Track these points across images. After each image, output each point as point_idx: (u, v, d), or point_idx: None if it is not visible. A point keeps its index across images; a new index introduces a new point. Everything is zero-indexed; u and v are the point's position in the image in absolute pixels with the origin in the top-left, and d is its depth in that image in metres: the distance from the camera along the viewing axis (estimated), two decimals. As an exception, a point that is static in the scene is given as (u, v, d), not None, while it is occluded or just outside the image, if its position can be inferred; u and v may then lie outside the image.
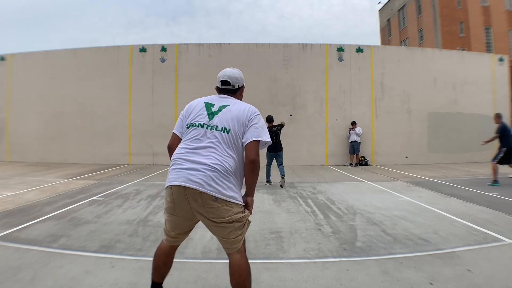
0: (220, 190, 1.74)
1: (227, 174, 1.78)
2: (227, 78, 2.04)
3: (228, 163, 1.79)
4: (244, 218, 1.85)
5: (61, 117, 12.23)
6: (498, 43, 23.79)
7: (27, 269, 2.67)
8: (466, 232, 3.73)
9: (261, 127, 1.91)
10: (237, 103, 1.99)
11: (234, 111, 1.91)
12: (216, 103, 1.98)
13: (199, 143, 1.82)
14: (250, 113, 1.94)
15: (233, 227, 1.80)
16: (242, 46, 12.32)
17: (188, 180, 1.74)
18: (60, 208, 4.86)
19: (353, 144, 11.63)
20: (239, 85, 2.09)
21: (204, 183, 1.71)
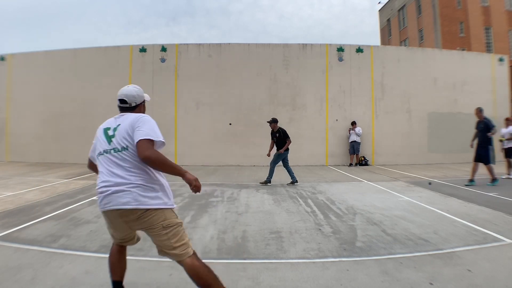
0: (147, 201, 1.85)
1: (147, 185, 1.88)
2: (123, 97, 2.18)
3: (139, 176, 1.88)
4: (173, 221, 1.93)
5: (61, 117, 12.23)
6: (498, 43, 23.78)
7: (27, 269, 2.67)
8: (466, 232, 3.73)
9: (147, 128, 1.92)
10: (127, 118, 2.04)
11: (124, 127, 1.97)
12: (111, 125, 2.07)
13: (111, 168, 1.89)
14: (135, 121, 1.97)
15: (168, 233, 1.89)
16: (242, 46, 12.32)
17: (117, 203, 1.82)
18: (60, 208, 4.86)
19: (353, 144, 11.63)
20: (137, 102, 2.20)
21: (132, 200, 1.81)
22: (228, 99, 11.97)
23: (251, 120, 12.02)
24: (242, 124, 12.00)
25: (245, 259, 2.97)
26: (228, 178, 8.48)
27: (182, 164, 11.52)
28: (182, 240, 1.93)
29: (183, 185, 7.25)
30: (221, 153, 11.76)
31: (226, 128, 11.94)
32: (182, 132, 11.74)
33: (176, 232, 1.92)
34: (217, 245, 3.36)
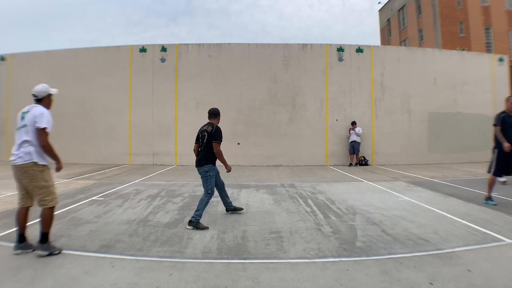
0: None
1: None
2: (34, 92, 3.33)
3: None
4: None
5: (61, 117, 12.19)
6: (498, 43, 23.79)
7: (27, 269, 2.68)
8: (466, 232, 3.74)
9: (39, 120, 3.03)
10: (34, 108, 3.15)
11: (31, 114, 3.07)
12: (26, 109, 3.16)
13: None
14: (37, 113, 3.06)
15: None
16: (242, 46, 12.31)
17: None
18: (60, 208, 4.86)
19: (353, 144, 11.63)
20: (42, 95, 3.31)
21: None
22: (228, 99, 11.96)
23: (251, 120, 12.02)
24: (242, 124, 12.00)
25: (245, 259, 2.97)
26: (228, 178, 8.47)
27: (182, 164, 11.57)
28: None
29: (182, 185, 7.25)
30: (221, 153, 11.75)
31: (226, 128, 11.90)
32: (182, 132, 11.74)
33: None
34: (217, 245, 3.36)
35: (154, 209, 4.95)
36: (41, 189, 2.99)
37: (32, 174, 2.96)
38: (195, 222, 3.90)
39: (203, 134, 4.25)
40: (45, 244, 2.99)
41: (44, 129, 2.97)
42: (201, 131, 4.32)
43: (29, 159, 2.94)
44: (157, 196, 5.92)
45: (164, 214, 4.63)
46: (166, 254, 3.08)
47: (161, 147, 11.85)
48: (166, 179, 8.06)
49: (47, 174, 3.07)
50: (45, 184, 3.01)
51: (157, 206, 5.12)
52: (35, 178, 2.97)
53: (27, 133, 2.97)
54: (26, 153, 2.95)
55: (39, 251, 2.98)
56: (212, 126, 4.28)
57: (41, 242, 2.99)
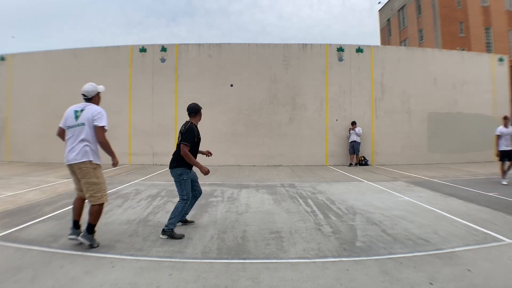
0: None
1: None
2: (84, 92, 3.44)
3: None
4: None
5: (61, 117, 12.14)
6: (498, 43, 23.79)
7: (27, 269, 2.68)
8: (466, 232, 3.74)
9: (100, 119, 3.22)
10: (90, 107, 3.29)
11: (88, 112, 3.23)
12: (78, 108, 3.33)
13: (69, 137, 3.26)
14: (95, 112, 3.22)
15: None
16: (242, 46, 12.31)
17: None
18: (61, 208, 4.86)
19: (353, 144, 11.63)
20: (92, 95, 3.42)
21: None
22: (228, 99, 11.97)
23: (251, 120, 12.02)
24: (242, 124, 12.00)
25: (245, 259, 2.98)
26: (228, 178, 8.48)
27: (182, 164, 11.55)
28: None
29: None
30: (221, 153, 11.76)
31: (226, 128, 11.95)
32: (182, 132, 11.73)
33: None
34: (217, 245, 3.36)
35: (154, 209, 4.95)
36: (92, 185, 3.12)
37: (85, 170, 3.10)
38: (169, 231, 3.53)
39: (179, 134, 3.79)
40: (90, 235, 3.16)
41: (103, 127, 3.15)
42: (180, 131, 3.80)
43: (86, 159, 3.09)
44: (157, 196, 5.92)
45: (164, 214, 4.63)
46: (166, 254, 3.08)
47: (161, 147, 11.84)
48: (166, 179, 8.06)
49: (99, 172, 3.21)
50: (97, 181, 3.15)
51: (157, 206, 5.12)
52: (88, 174, 3.10)
53: (84, 132, 3.14)
54: (84, 153, 3.11)
55: (82, 239, 3.14)
56: (185, 125, 3.75)
57: (87, 231, 3.16)
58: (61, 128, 3.41)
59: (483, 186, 6.96)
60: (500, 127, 7.54)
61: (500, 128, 7.48)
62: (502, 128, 7.47)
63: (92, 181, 3.12)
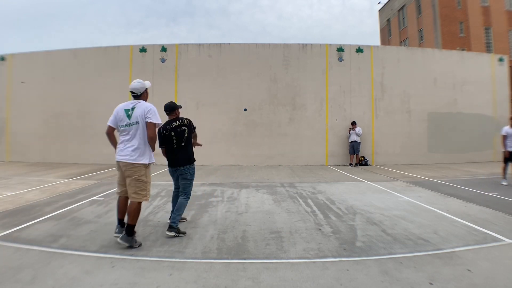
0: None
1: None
2: (132, 89, 3.41)
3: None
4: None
5: (61, 117, 12.24)
6: (498, 43, 23.78)
7: (27, 269, 2.68)
8: (466, 232, 3.74)
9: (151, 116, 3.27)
10: (141, 104, 3.33)
11: (140, 109, 3.27)
12: (129, 106, 3.36)
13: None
14: (147, 109, 3.26)
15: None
16: (242, 46, 12.31)
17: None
18: (61, 208, 4.86)
19: (353, 144, 11.63)
20: (141, 92, 3.41)
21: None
22: (228, 99, 11.97)
23: (251, 120, 12.02)
24: (242, 124, 12.00)
25: (245, 259, 2.98)
26: (228, 178, 8.48)
27: (182, 164, 11.55)
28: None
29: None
30: (221, 153, 11.77)
31: (226, 128, 11.95)
32: (182, 132, 11.73)
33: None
34: (217, 245, 3.36)
35: (154, 209, 4.95)
36: (139, 182, 3.18)
37: (138, 167, 3.15)
38: (177, 227, 3.59)
39: (180, 129, 3.75)
40: (129, 237, 3.16)
41: (155, 124, 3.21)
42: (172, 129, 3.75)
43: (139, 159, 3.16)
44: (157, 196, 5.92)
45: (164, 214, 4.63)
46: (166, 254, 3.08)
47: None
48: (166, 179, 8.05)
49: (149, 171, 3.26)
50: (145, 180, 3.22)
51: (157, 206, 5.12)
52: (139, 172, 3.15)
53: (138, 130, 3.22)
54: (140, 153, 3.18)
55: (121, 241, 3.15)
56: (186, 119, 3.87)
57: (127, 233, 3.16)
58: (111, 127, 3.45)
59: (483, 186, 6.96)
60: (506, 127, 7.36)
61: (506, 129, 7.31)
62: (508, 129, 7.27)
63: (141, 179, 3.17)
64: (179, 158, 3.81)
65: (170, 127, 3.79)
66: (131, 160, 3.17)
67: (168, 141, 3.82)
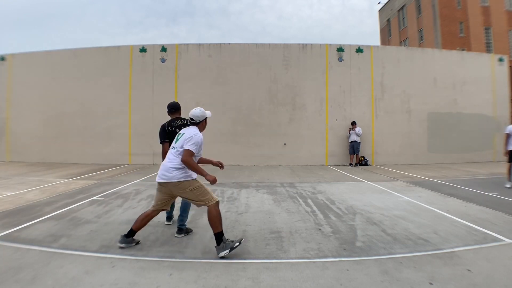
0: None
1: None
2: (192, 116, 3.50)
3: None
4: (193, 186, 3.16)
5: (61, 117, 12.24)
6: (498, 43, 23.78)
7: (27, 269, 2.68)
8: (466, 232, 3.74)
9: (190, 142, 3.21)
10: (189, 129, 3.41)
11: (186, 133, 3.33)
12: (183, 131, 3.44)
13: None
14: (188, 136, 3.27)
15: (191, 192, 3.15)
16: (242, 46, 12.31)
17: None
18: (61, 208, 4.86)
19: (353, 144, 11.63)
20: (200, 120, 3.52)
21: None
22: (228, 99, 11.97)
23: (251, 120, 12.02)
24: (242, 124, 12.00)
25: (245, 259, 2.98)
26: (228, 178, 8.47)
27: (182, 164, 11.55)
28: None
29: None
30: (221, 153, 11.72)
31: (226, 128, 11.94)
32: (182, 132, 11.75)
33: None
34: (217, 245, 3.36)
35: (154, 209, 4.95)
36: (193, 190, 3.12)
37: (183, 184, 3.12)
38: (185, 227, 3.69)
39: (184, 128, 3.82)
40: (221, 244, 3.02)
41: (187, 150, 3.12)
42: (177, 126, 3.96)
43: (179, 178, 3.10)
44: (157, 196, 5.91)
45: (164, 214, 4.61)
46: (166, 254, 3.08)
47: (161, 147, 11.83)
48: (166, 179, 8.06)
49: (195, 182, 3.18)
50: (197, 185, 3.15)
51: (157, 206, 5.11)
52: (188, 186, 3.11)
53: (178, 151, 3.19)
54: (179, 173, 3.12)
55: (220, 253, 2.98)
56: (187, 119, 3.91)
57: (217, 244, 3.02)
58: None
59: (483, 186, 6.95)
60: (510, 126, 7.14)
61: (510, 127, 7.07)
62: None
63: (193, 188, 3.12)
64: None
65: (175, 124, 3.96)
66: (172, 180, 3.12)
67: (171, 138, 3.88)
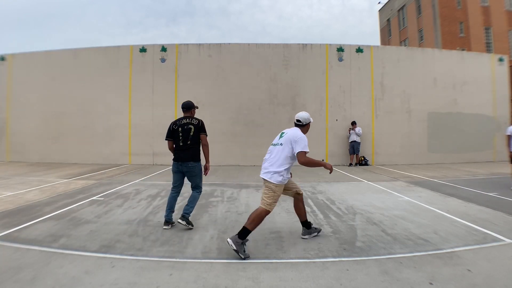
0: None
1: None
2: (299, 118, 3.60)
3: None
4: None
5: (61, 117, 12.24)
6: (498, 43, 23.78)
7: (27, 269, 2.68)
8: (466, 232, 3.74)
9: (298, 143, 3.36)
10: (293, 130, 3.52)
11: (290, 135, 3.45)
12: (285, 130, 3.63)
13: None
14: (294, 138, 3.38)
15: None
16: (242, 46, 12.31)
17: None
18: (60, 208, 4.86)
19: (353, 144, 11.63)
20: (306, 122, 3.59)
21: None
22: (228, 99, 11.97)
23: (251, 120, 12.02)
24: (242, 124, 12.00)
25: (245, 259, 2.97)
26: (228, 178, 8.47)
27: (182, 164, 11.56)
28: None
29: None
30: (221, 153, 11.76)
31: (226, 128, 11.94)
32: (182, 132, 11.75)
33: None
34: (217, 245, 3.36)
35: (154, 209, 4.95)
36: (268, 192, 3.29)
37: (271, 185, 3.31)
38: (188, 216, 3.87)
39: (187, 127, 4.01)
40: (241, 239, 3.05)
41: (301, 153, 3.29)
42: (180, 125, 4.04)
43: (274, 180, 3.31)
44: (157, 196, 5.92)
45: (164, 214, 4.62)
46: (166, 254, 3.08)
47: (161, 147, 11.79)
48: (166, 179, 8.06)
49: (280, 188, 3.37)
50: (275, 190, 3.31)
51: (157, 206, 5.12)
52: (273, 189, 3.31)
53: (281, 152, 3.38)
54: (276, 175, 3.31)
55: (232, 245, 3.02)
56: (197, 119, 4.14)
57: (239, 237, 3.07)
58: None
59: (483, 186, 6.95)
60: (511, 127, 6.94)
61: (511, 128, 6.90)
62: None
63: (272, 190, 3.31)
64: (185, 154, 3.99)
65: (179, 123, 4.08)
66: (267, 178, 3.34)
67: (175, 136, 4.07)
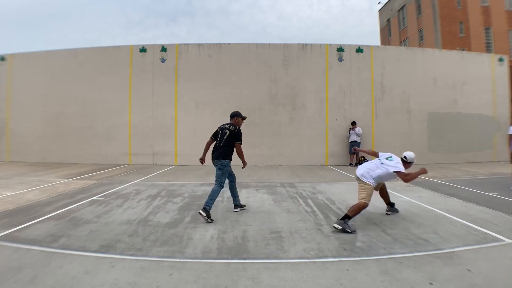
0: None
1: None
2: (405, 155, 4.57)
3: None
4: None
5: (61, 117, 12.24)
6: (498, 43, 23.78)
7: (27, 269, 2.68)
8: (466, 232, 3.74)
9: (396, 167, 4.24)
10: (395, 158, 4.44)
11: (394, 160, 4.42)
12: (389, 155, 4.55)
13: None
14: (393, 164, 4.31)
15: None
16: (242, 46, 12.31)
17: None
18: (60, 208, 4.86)
19: (353, 144, 11.62)
20: (412, 161, 4.53)
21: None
22: (228, 99, 11.97)
23: (251, 120, 12.00)
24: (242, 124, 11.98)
25: (245, 259, 2.98)
26: (228, 178, 8.46)
27: (182, 164, 11.58)
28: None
29: (182, 186, 7.24)
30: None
31: (226, 128, 11.92)
32: (182, 132, 11.74)
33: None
34: (217, 244, 3.36)
35: (154, 209, 4.95)
36: (364, 188, 4.08)
37: (366, 185, 4.14)
38: (209, 209, 4.19)
39: (224, 131, 4.74)
40: (341, 220, 3.80)
41: (400, 173, 4.12)
42: (221, 128, 4.81)
43: (368, 181, 4.15)
44: (157, 196, 5.92)
45: (164, 214, 4.63)
46: (166, 254, 3.08)
47: (161, 147, 11.84)
48: (166, 179, 8.06)
49: (371, 188, 4.09)
50: (368, 188, 4.10)
51: (157, 206, 5.12)
52: (366, 188, 4.11)
53: (384, 166, 4.30)
54: (371, 179, 4.16)
55: (335, 224, 3.80)
56: (235, 126, 4.84)
57: (342, 218, 3.82)
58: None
59: (483, 186, 6.95)
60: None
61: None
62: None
63: (368, 187, 4.11)
64: (217, 154, 4.65)
65: (222, 127, 4.84)
66: (365, 181, 4.20)
67: (215, 136, 4.84)
